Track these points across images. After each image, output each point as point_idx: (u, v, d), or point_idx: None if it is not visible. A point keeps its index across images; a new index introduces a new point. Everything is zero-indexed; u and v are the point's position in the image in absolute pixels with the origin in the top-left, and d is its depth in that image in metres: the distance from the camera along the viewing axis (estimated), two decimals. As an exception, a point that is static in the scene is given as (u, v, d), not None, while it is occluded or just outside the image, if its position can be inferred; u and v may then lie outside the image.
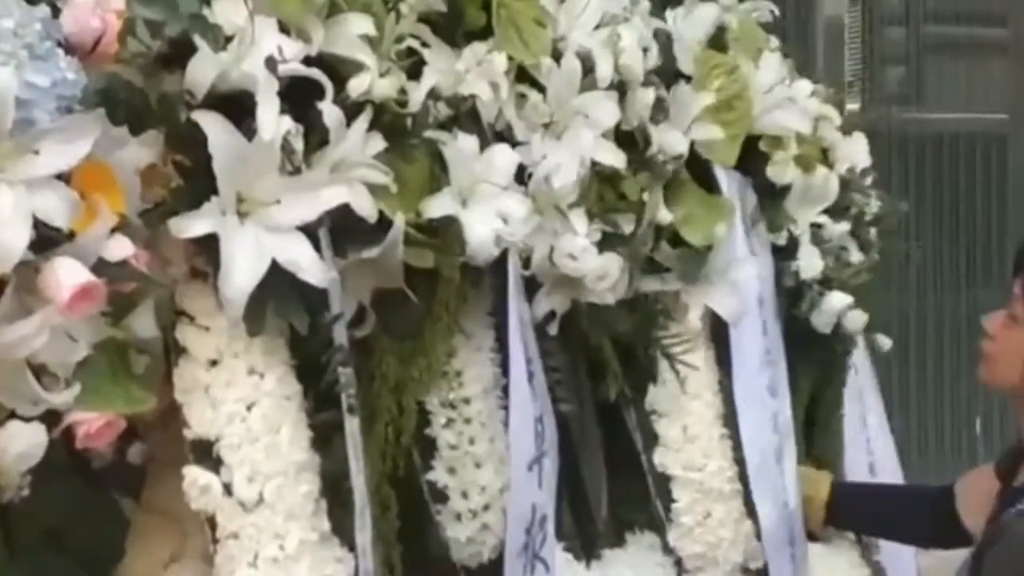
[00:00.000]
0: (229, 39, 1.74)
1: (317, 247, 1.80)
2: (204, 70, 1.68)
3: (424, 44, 2.05)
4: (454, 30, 2.15)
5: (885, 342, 2.92)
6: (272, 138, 1.69)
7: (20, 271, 1.57)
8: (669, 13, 2.62)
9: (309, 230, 1.78)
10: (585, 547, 2.48)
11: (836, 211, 2.75)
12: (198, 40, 1.69)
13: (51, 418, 1.62)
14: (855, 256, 2.80)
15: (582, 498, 2.53)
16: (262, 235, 1.73)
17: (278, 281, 1.74)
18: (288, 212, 1.73)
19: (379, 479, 2.05)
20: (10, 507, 1.69)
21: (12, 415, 1.59)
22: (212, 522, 1.78)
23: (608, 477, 2.59)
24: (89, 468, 1.77)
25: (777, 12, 2.82)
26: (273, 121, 1.69)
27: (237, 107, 1.72)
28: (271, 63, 1.73)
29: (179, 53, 1.70)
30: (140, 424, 1.79)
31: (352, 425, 1.86)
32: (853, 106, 2.95)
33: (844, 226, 2.75)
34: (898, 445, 3.23)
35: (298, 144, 1.75)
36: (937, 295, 3.72)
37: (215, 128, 1.67)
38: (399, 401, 2.08)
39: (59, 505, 1.79)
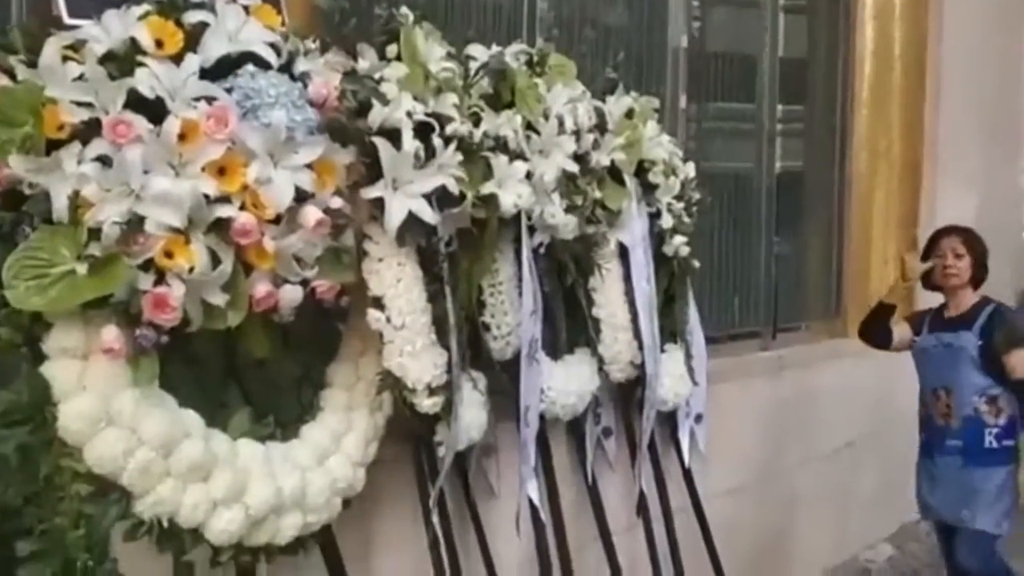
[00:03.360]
0: (389, 101, 1.69)
1: (431, 205, 1.77)
2: (377, 117, 1.69)
3: (481, 109, 2.02)
4: (497, 102, 2.12)
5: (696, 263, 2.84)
6: (408, 151, 1.69)
7: (289, 211, 1.58)
8: (609, 98, 2.56)
9: (427, 196, 1.76)
10: (554, 353, 2.47)
11: (678, 197, 2.69)
12: (375, 101, 1.64)
13: (304, 284, 1.63)
14: (687, 220, 2.72)
15: (556, 331, 2.52)
16: (404, 198, 1.78)
17: (412, 220, 1.76)
18: (416, 187, 1.74)
19: (459, 319, 2.04)
20: (286, 324, 1.66)
21: (286, 281, 1.61)
22: (380, 336, 1.82)
23: (568, 320, 2.55)
24: (323, 307, 1.73)
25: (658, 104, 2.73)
26: (410, 143, 1.72)
27: (393, 135, 1.71)
28: (408, 115, 1.70)
29: (363, 108, 1.68)
30: (347, 288, 1.76)
31: (448, 291, 1.88)
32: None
33: (682, 205, 2.70)
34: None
35: (421, 155, 1.71)
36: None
37: (383, 146, 1.73)
38: (469, 282, 2.08)
39: (303, 324, 1.74)
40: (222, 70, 1.55)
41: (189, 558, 1.53)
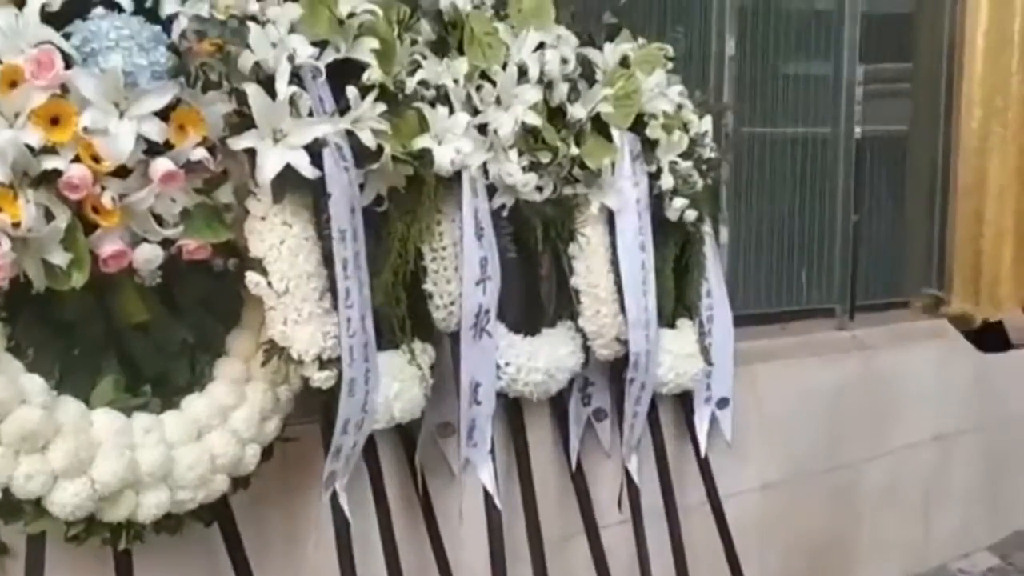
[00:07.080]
0: (275, 45, 1.53)
1: (319, 162, 1.58)
2: (247, 62, 1.52)
3: (424, 56, 1.83)
4: (445, 49, 1.90)
5: (724, 233, 2.52)
6: (283, 99, 1.53)
7: (138, 165, 1.43)
8: (606, 45, 2.29)
9: (312, 149, 1.55)
10: (531, 327, 2.24)
11: (686, 155, 2.36)
12: (247, 49, 1.49)
13: (168, 243, 1.50)
14: (699, 181, 2.39)
15: (537, 301, 2.28)
16: (282, 150, 1.55)
17: (291, 174, 1.56)
18: (293, 138, 1.55)
19: (394, 286, 1.87)
20: (159, 287, 1.55)
21: (144, 240, 1.48)
22: (262, 302, 1.63)
23: (558, 292, 2.30)
24: (211, 270, 1.63)
25: (673, 51, 2.42)
26: (284, 90, 1.55)
27: (268, 83, 1.53)
28: (290, 58, 1.53)
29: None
30: (235, 250, 1.63)
31: (341, 250, 1.65)
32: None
33: (689, 163, 2.36)
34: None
35: (302, 103, 1.53)
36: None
37: (255, 93, 1.54)
38: (404, 246, 1.88)
39: (194, 288, 1.64)
40: (78, 12, 1.46)
41: (34, 530, 1.45)
